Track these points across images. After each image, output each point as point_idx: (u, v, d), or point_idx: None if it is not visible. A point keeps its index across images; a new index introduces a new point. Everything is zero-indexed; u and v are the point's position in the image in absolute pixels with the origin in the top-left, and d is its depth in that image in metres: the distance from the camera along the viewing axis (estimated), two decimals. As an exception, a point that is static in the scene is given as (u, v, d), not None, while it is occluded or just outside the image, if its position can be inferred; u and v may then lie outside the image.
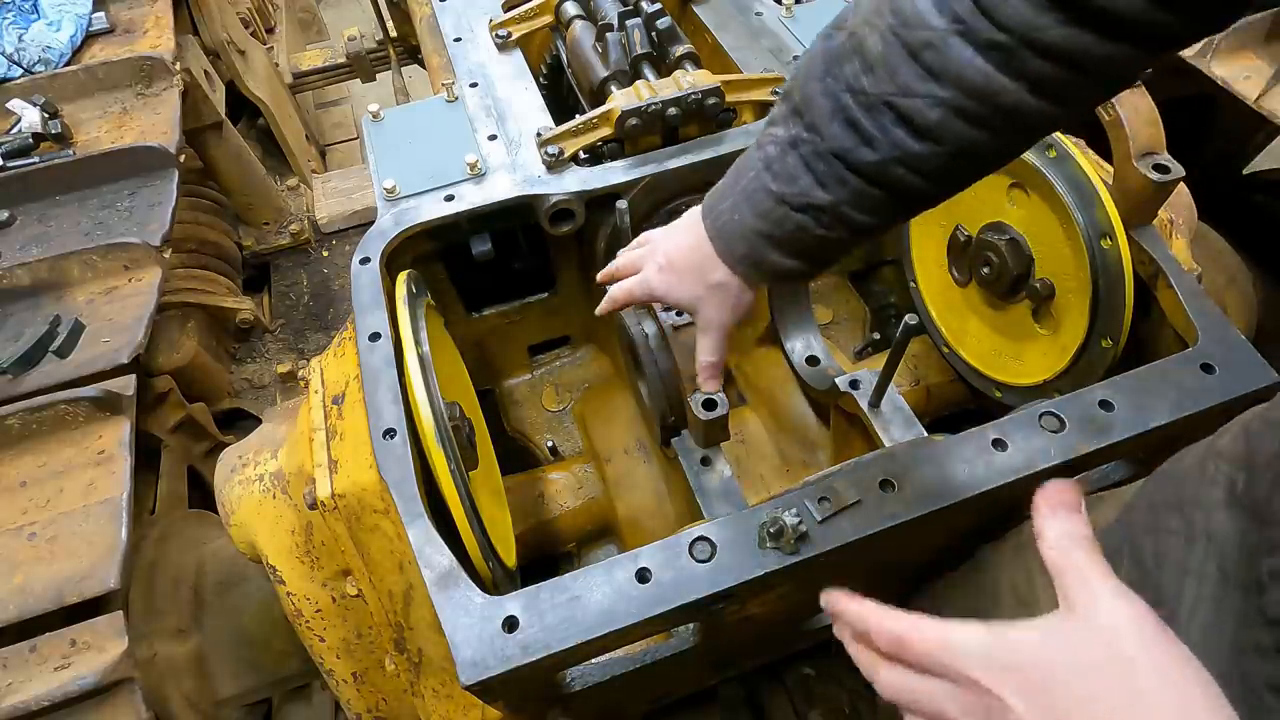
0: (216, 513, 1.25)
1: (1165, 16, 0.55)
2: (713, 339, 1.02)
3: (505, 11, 1.75)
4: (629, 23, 1.48)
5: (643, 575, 0.92)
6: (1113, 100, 1.19)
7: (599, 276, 1.14)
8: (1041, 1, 0.57)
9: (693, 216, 0.97)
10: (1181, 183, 1.16)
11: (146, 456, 1.83)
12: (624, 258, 1.10)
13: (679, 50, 1.49)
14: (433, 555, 0.95)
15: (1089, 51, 0.58)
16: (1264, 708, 0.62)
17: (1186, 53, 1.56)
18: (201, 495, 1.96)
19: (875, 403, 1.29)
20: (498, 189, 1.36)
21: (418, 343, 1.12)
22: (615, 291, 1.08)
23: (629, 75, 1.49)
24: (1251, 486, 0.72)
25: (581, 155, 1.42)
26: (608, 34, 1.49)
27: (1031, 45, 0.59)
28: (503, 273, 1.56)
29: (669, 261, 0.99)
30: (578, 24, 1.61)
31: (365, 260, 1.27)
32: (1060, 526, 0.57)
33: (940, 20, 0.61)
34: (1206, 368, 1.05)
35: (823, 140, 0.72)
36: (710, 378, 1.08)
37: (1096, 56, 0.59)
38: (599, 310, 1.13)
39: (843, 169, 0.72)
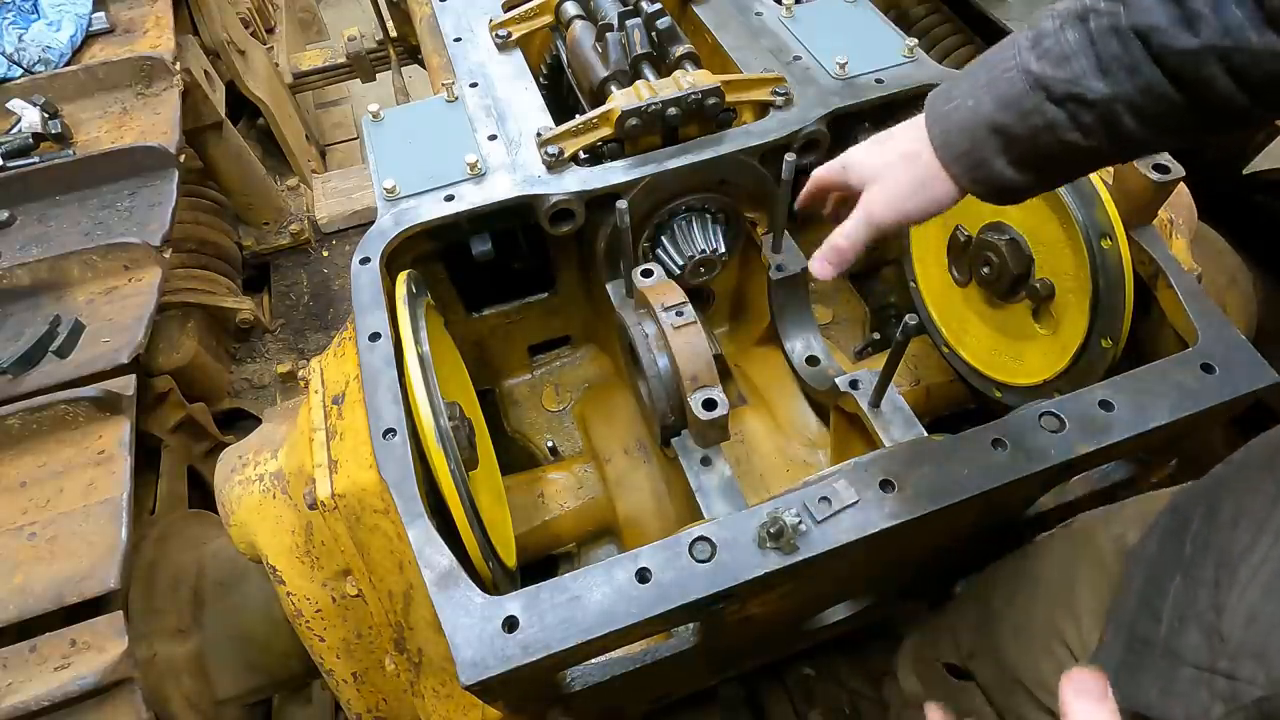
0: (216, 513, 1.25)
1: None
2: (862, 223, 0.85)
3: (505, 11, 1.75)
4: (629, 23, 1.48)
5: (643, 575, 0.92)
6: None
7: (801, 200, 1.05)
8: None
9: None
10: (1181, 183, 1.16)
11: (146, 456, 1.84)
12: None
13: (679, 50, 1.49)
14: (433, 555, 0.95)
15: None
16: None
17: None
18: (201, 495, 1.96)
19: (875, 403, 1.29)
20: (498, 189, 1.36)
21: (418, 343, 1.12)
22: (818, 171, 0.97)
23: (629, 75, 1.49)
24: None
25: (581, 155, 1.42)
26: (608, 34, 1.49)
27: None
28: (503, 273, 1.56)
29: (879, 138, 0.86)
30: (578, 24, 1.61)
31: (365, 260, 1.27)
32: (1087, 708, 0.57)
33: None
34: (1206, 368, 1.05)
35: (1127, 11, 0.59)
36: (827, 262, 0.90)
37: None
38: (798, 203, 1.05)
39: (1141, 53, 0.58)
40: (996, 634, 1.25)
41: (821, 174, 0.95)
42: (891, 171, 0.81)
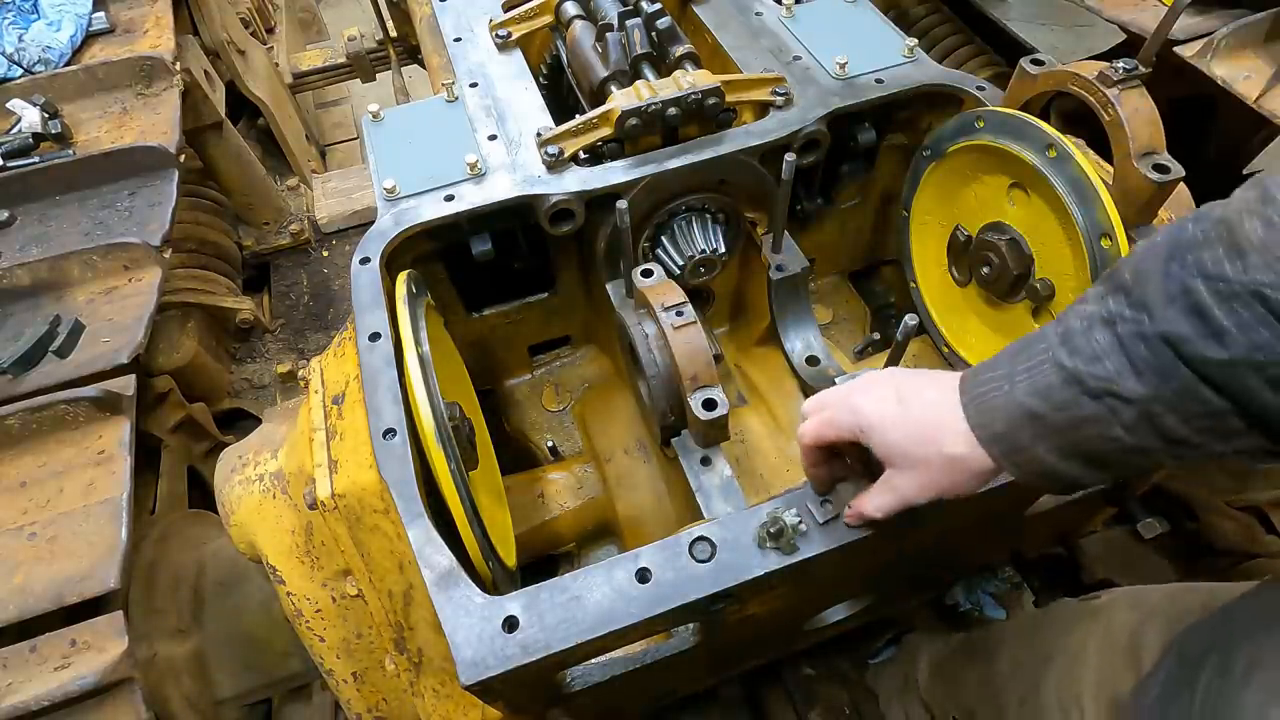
0: (216, 513, 1.25)
1: None
2: (894, 501, 0.83)
3: (505, 11, 1.75)
4: (629, 23, 1.48)
5: (643, 575, 0.92)
6: (1113, 100, 1.19)
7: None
8: None
9: (939, 374, 0.80)
10: (1181, 183, 1.16)
11: (146, 456, 1.83)
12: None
13: (679, 50, 1.49)
14: (433, 555, 0.95)
15: None
16: None
17: (1186, 52, 1.56)
18: (201, 495, 1.96)
19: (875, 403, 1.28)
20: (498, 189, 1.36)
21: (418, 343, 1.12)
22: (812, 425, 0.88)
23: (629, 75, 1.49)
24: None
25: (581, 155, 1.42)
26: (608, 34, 1.49)
27: None
28: (503, 273, 1.56)
29: (899, 394, 0.79)
30: (578, 24, 1.61)
31: (365, 260, 1.27)
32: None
33: None
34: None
35: (1152, 321, 0.58)
36: (857, 521, 0.90)
37: None
38: (804, 446, 0.90)
39: (1172, 359, 0.57)
40: (1003, 700, 1.24)
41: (832, 433, 0.86)
42: (919, 467, 0.77)
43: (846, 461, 0.93)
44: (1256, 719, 0.69)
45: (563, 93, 1.75)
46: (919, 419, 0.76)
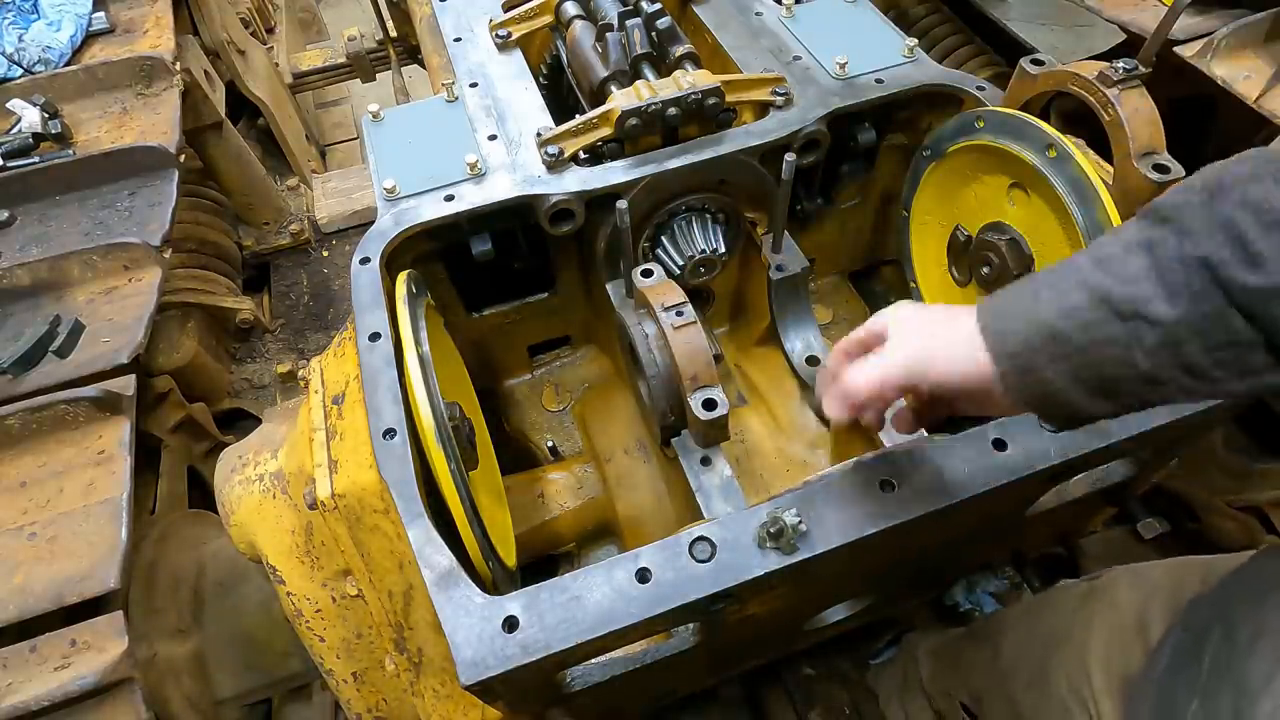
0: (216, 513, 1.25)
1: None
2: (877, 370, 0.79)
3: (505, 11, 1.75)
4: (629, 23, 1.48)
5: (643, 575, 0.92)
6: (1113, 100, 1.19)
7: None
8: None
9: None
10: (1181, 182, 1.16)
11: (146, 456, 1.83)
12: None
13: (679, 50, 1.49)
14: (433, 555, 0.95)
15: None
16: None
17: (1186, 52, 1.56)
18: (201, 495, 1.96)
19: (875, 403, 1.28)
20: (498, 189, 1.36)
21: (418, 343, 1.12)
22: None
23: (629, 75, 1.49)
24: None
25: (581, 155, 1.42)
26: (608, 34, 1.49)
27: None
28: (503, 273, 1.56)
29: (918, 305, 0.82)
30: (578, 24, 1.61)
31: (365, 260, 1.27)
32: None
33: None
34: (1206, 368, 1.05)
35: (1192, 244, 0.58)
36: (835, 401, 0.84)
37: None
38: (834, 419, 0.86)
39: (1208, 281, 0.57)
40: (1010, 683, 1.24)
41: (861, 333, 0.85)
42: (929, 332, 0.76)
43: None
44: (1264, 684, 0.70)
45: (563, 93, 1.75)
46: (936, 316, 0.77)
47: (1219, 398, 0.62)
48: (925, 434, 1.24)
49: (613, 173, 1.38)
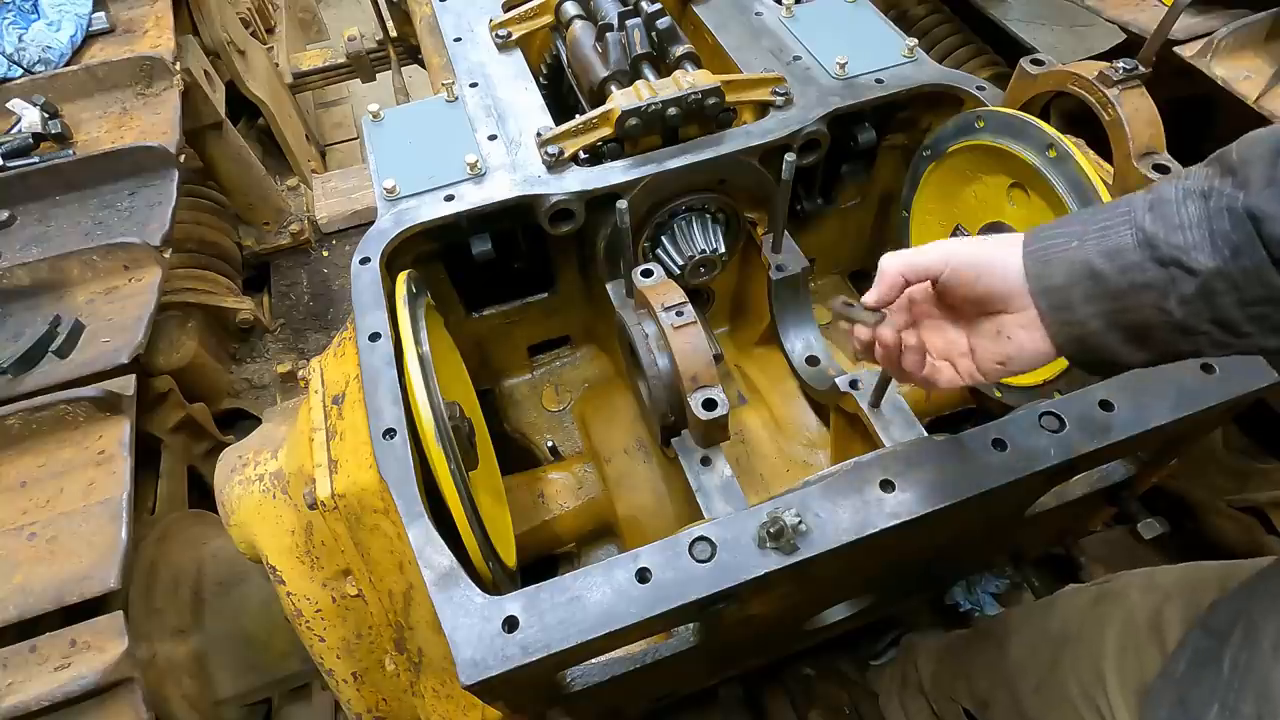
0: (216, 513, 1.25)
1: None
2: (912, 254, 0.77)
3: (505, 11, 1.75)
4: (629, 23, 1.48)
5: (643, 575, 0.92)
6: (1113, 100, 1.19)
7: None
8: None
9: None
10: (1181, 183, 1.16)
11: (146, 456, 1.83)
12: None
13: (679, 50, 1.49)
14: (433, 555, 0.95)
15: None
16: None
17: (1186, 52, 1.56)
18: (201, 495, 1.96)
19: (875, 403, 1.29)
20: (498, 189, 1.36)
21: (418, 343, 1.12)
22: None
23: (629, 75, 1.49)
24: None
25: (581, 155, 1.42)
26: (608, 34, 1.49)
27: None
28: (503, 273, 1.56)
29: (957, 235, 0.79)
30: (578, 24, 1.61)
31: (365, 260, 1.27)
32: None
33: None
34: (1206, 368, 1.05)
35: (1246, 195, 0.59)
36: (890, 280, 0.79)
37: None
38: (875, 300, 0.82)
39: (1251, 235, 0.58)
40: (1018, 686, 1.23)
41: (915, 257, 0.80)
42: (974, 242, 0.75)
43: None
44: None
45: (563, 93, 1.75)
46: (987, 240, 0.75)
47: (1250, 353, 0.62)
48: (925, 434, 1.24)
49: (613, 173, 1.38)
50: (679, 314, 1.20)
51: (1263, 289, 0.58)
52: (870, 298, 0.81)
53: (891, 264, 0.79)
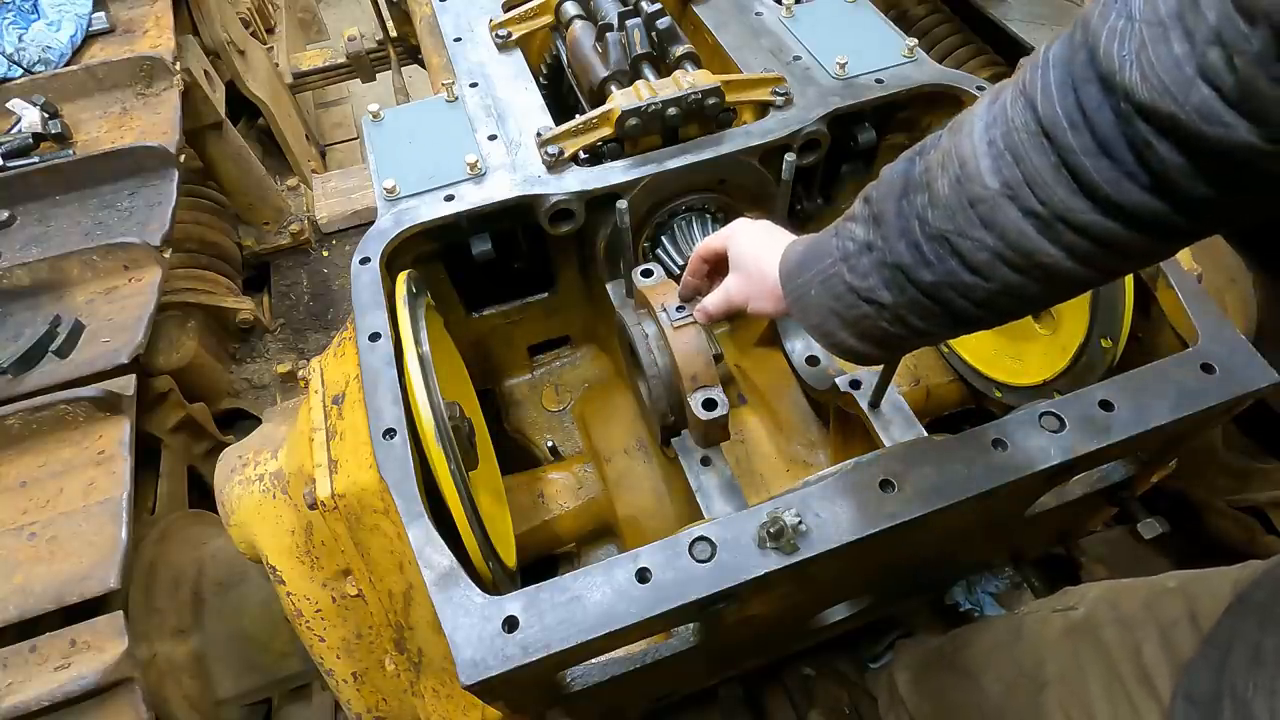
0: (216, 513, 1.25)
1: (1176, 219, 0.63)
2: (723, 300, 1.09)
3: (505, 11, 1.75)
4: (629, 23, 1.48)
5: (643, 575, 0.92)
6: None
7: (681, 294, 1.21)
8: (1073, 187, 0.64)
9: (804, 238, 0.98)
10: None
11: (146, 456, 1.83)
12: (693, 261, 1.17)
13: (679, 50, 1.49)
14: (433, 555, 0.95)
15: (1115, 235, 0.65)
16: None
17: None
18: (201, 495, 1.96)
19: (875, 403, 1.29)
20: (498, 189, 1.36)
21: (418, 343, 1.12)
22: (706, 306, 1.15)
23: (629, 75, 1.49)
24: None
25: (581, 155, 1.42)
26: (608, 34, 1.49)
27: (1066, 221, 0.66)
28: (503, 273, 1.56)
29: (771, 231, 1.06)
30: (578, 24, 1.61)
31: (365, 260, 1.27)
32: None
33: (994, 182, 0.69)
34: (1206, 368, 1.05)
35: (890, 253, 0.79)
36: (701, 313, 1.16)
37: (1122, 240, 0.65)
38: (692, 258, 1.16)
39: (904, 279, 0.78)
40: None
41: (716, 243, 1.11)
42: (760, 273, 1.01)
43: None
44: None
45: (563, 93, 1.75)
46: (771, 252, 0.99)
47: (942, 341, 0.87)
48: (925, 434, 1.24)
49: (613, 173, 1.38)
50: (679, 311, 1.20)
51: (926, 309, 0.79)
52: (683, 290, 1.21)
53: (696, 251, 1.15)
